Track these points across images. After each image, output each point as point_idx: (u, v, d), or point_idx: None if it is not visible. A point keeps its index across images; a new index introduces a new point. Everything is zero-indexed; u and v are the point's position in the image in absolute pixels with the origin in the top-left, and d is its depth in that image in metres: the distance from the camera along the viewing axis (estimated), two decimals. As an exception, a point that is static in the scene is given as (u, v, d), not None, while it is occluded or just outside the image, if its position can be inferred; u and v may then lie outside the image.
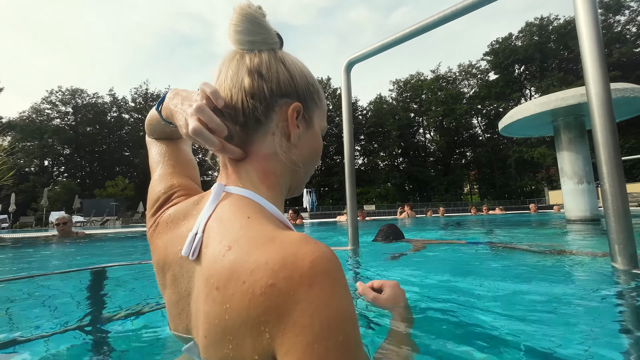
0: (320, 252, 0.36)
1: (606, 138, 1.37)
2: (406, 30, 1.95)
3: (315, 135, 0.56)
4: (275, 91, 0.50)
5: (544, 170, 39.47)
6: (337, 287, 0.34)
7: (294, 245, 0.36)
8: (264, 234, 0.40)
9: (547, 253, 2.22)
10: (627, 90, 4.63)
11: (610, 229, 1.34)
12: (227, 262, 0.38)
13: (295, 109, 0.51)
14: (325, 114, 0.59)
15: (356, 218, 2.29)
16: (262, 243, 0.38)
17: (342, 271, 0.37)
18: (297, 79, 0.52)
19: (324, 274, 0.34)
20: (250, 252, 0.37)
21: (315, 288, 0.33)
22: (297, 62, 0.54)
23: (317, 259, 0.34)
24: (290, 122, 0.51)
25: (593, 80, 1.39)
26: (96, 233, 6.33)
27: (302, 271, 0.33)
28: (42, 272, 1.89)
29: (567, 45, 38.17)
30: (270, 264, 0.35)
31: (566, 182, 5.55)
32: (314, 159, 0.57)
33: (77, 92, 43.63)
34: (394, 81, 49.17)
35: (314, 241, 0.37)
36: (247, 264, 0.36)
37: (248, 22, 0.49)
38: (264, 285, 0.34)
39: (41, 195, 23.35)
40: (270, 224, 0.43)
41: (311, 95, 0.54)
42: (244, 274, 0.36)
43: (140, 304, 1.16)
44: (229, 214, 0.45)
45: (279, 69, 0.51)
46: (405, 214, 10.83)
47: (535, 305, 1.06)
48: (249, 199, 0.47)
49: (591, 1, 1.39)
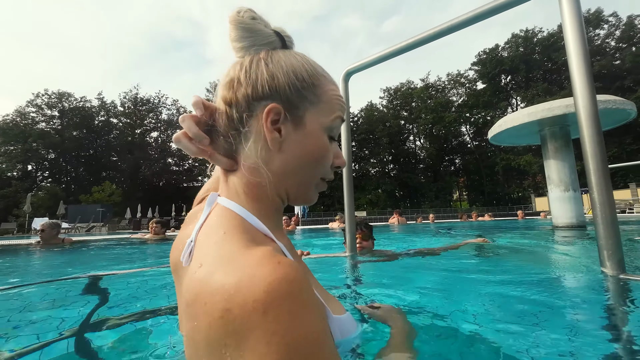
0: (278, 274, 0.34)
1: (594, 149, 1.44)
2: (404, 42, 2.02)
3: (309, 135, 0.50)
4: (252, 95, 0.48)
5: (531, 178, 40.44)
6: (295, 311, 0.32)
7: (252, 267, 0.35)
8: (230, 252, 0.39)
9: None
10: (610, 102, 4.84)
11: (599, 236, 1.40)
12: (196, 280, 0.38)
13: (272, 111, 0.47)
14: (330, 109, 0.52)
15: (354, 225, 2.32)
16: (225, 263, 0.37)
17: (304, 292, 0.34)
18: (280, 77, 0.48)
19: (280, 298, 0.32)
20: (214, 272, 0.37)
21: (269, 314, 0.31)
22: (288, 58, 0.50)
23: (273, 282, 0.33)
24: (265, 127, 0.47)
25: (581, 94, 1.46)
26: (83, 240, 6.18)
27: (256, 296, 0.32)
28: (41, 280, 1.84)
29: (550, 57, 39.58)
30: (227, 287, 0.34)
31: (553, 189, 5.72)
32: (312, 162, 0.51)
33: (64, 95, 42.68)
34: (385, 89, 49.89)
35: (277, 260, 0.36)
36: (209, 285, 0.36)
37: (237, 29, 0.49)
38: (221, 309, 0.33)
39: (24, 201, 22.63)
40: (242, 240, 0.41)
41: (299, 92, 0.49)
42: (206, 295, 0.35)
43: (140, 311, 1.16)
44: (211, 226, 0.46)
45: (260, 69, 0.48)
46: (395, 220, 10.92)
47: (524, 311, 1.09)
48: (232, 211, 0.48)
49: (578, 20, 1.48)
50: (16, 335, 0.98)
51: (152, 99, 47.73)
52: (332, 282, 1.62)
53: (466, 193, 48.52)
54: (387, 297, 1.31)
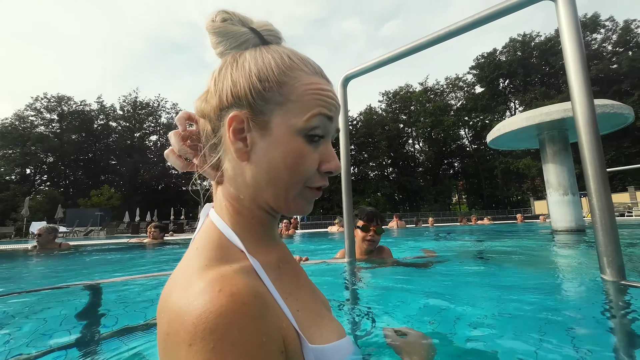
0: (211, 306, 0.32)
1: (592, 155, 1.44)
2: (402, 48, 2.02)
3: (277, 141, 0.44)
4: (219, 105, 0.45)
5: (530, 181, 40.52)
6: (218, 349, 0.30)
7: (194, 293, 0.34)
8: (189, 272, 0.39)
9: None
10: (607, 106, 4.86)
11: (598, 242, 1.40)
12: (163, 294, 0.39)
13: (235, 119, 0.44)
14: (302, 107, 0.45)
15: (353, 230, 2.31)
16: (181, 283, 0.38)
17: (239, 326, 0.32)
18: (241, 82, 0.44)
19: (205, 333, 0.31)
20: (171, 290, 0.38)
21: (193, 348, 0.31)
22: (256, 58, 0.45)
23: (202, 315, 0.31)
24: (229, 138, 0.45)
25: (579, 100, 1.47)
26: (80, 244, 6.14)
27: (185, 327, 0.32)
28: (35, 288, 1.82)
29: (548, 61, 39.85)
30: (172, 311, 0.34)
31: (552, 193, 5.72)
32: (283, 171, 0.45)
33: (64, 99, 42.78)
34: (384, 92, 50.11)
35: (219, 288, 0.34)
36: (163, 303, 0.37)
37: (212, 35, 0.48)
38: (164, 331, 0.34)
39: (22, 205, 22.54)
40: (207, 258, 0.41)
41: (261, 95, 0.44)
42: (162, 311, 0.36)
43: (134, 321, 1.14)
44: (194, 239, 0.47)
45: (225, 78, 0.45)
46: (394, 224, 10.90)
47: (525, 318, 1.09)
48: (214, 224, 0.47)
49: (575, 26, 1.48)
50: (8, 344, 0.96)
51: (152, 102, 47.87)
52: (329, 291, 1.61)
53: (465, 196, 48.56)
54: (385, 307, 1.29)
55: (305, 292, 0.55)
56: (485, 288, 1.65)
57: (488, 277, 1.98)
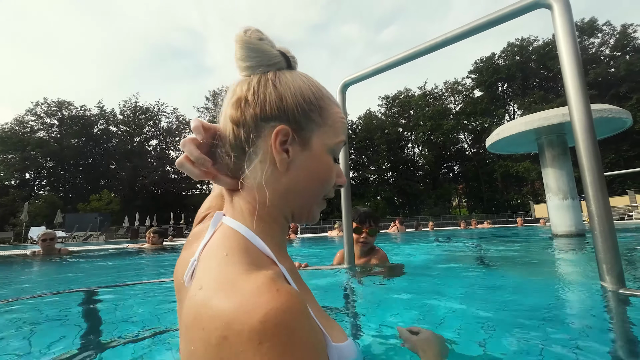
0: (276, 303, 0.33)
1: (590, 161, 1.44)
2: (399, 55, 2.04)
3: (314, 157, 0.51)
4: (260, 116, 0.48)
5: (529, 184, 40.52)
6: (290, 344, 0.32)
7: (250, 294, 0.35)
8: (230, 277, 0.39)
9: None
10: (605, 110, 4.88)
11: (597, 249, 1.40)
12: (195, 303, 0.37)
13: (281, 132, 0.48)
14: (334, 132, 0.53)
15: (352, 235, 2.30)
16: (224, 288, 0.37)
17: (304, 324, 0.34)
18: (288, 98, 0.49)
19: (276, 329, 0.32)
20: (212, 297, 0.36)
21: (264, 345, 0.31)
22: (295, 80, 0.51)
23: (270, 312, 0.32)
24: (274, 148, 0.48)
25: (576, 107, 1.47)
26: (80, 250, 6.12)
27: (252, 326, 0.32)
28: (40, 293, 1.82)
29: (546, 65, 40.08)
30: (225, 314, 0.33)
31: (552, 197, 5.72)
32: (318, 183, 0.53)
33: (64, 104, 42.89)
34: (383, 97, 50.28)
35: (276, 288, 0.35)
36: (207, 309, 0.35)
37: (244, 48, 0.50)
38: (218, 336, 0.33)
39: (21, 210, 22.49)
40: (243, 263, 0.41)
41: (307, 115, 0.50)
42: (204, 319, 0.35)
43: (143, 329, 1.14)
44: (214, 247, 0.46)
45: (268, 90, 0.49)
46: (395, 228, 10.88)
47: (524, 326, 1.08)
48: (236, 231, 0.47)
49: (571, 35, 1.49)
50: (8, 352, 0.95)
51: (152, 107, 48.00)
52: (329, 297, 1.60)
53: (465, 200, 48.51)
54: (385, 313, 1.29)
55: (310, 296, 0.58)
56: (484, 294, 1.64)
57: (487, 282, 1.98)
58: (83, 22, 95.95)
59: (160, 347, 0.96)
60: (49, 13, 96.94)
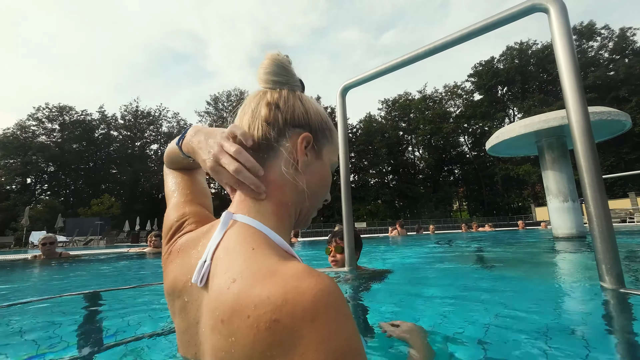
0: (322, 285, 0.36)
1: (588, 163, 1.45)
2: (399, 58, 2.06)
3: (324, 166, 0.58)
4: (289, 121, 0.54)
5: (530, 187, 40.47)
6: (340, 320, 0.34)
7: (296, 278, 0.37)
8: (267, 266, 0.40)
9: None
10: (605, 113, 4.89)
11: (597, 250, 1.40)
12: (232, 295, 0.39)
13: (305, 138, 0.54)
14: (336, 152, 0.63)
15: (352, 239, 2.31)
16: (265, 276, 0.38)
17: (345, 303, 0.37)
18: (312, 114, 0.57)
19: (326, 307, 0.34)
20: (254, 285, 0.38)
21: (317, 323, 0.33)
22: (314, 102, 0.60)
23: (319, 292, 0.35)
24: (299, 149, 0.54)
25: (573, 109, 1.49)
26: (81, 254, 6.12)
27: (304, 306, 0.34)
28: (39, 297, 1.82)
29: (545, 68, 40.23)
30: (272, 299, 0.35)
31: (552, 200, 5.72)
32: (322, 190, 0.59)
33: (65, 109, 43.12)
34: (383, 100, 50.48)
35: (317, 273, 0.37)
36: (251, 297, 0.37)
37: (276, 66, 0.56)
38: (268, 320, 0.34)
39: (22, 214, 22.51)
40: (274, 255, 0.43)
41: (323, 131, 0.58)
42: (248, 308, 0.36)
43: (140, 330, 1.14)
44: (235, 244, 0.46)
45: (296, 104, 0.56)
46: (395, 232, 10.85)
47: (524, 327, 1.09)
48: (255, 228, 0.48)
49: (568, 39, 1.51)
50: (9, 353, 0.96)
51: (153, 111, 48.22)
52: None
53: (466, 203, 48.42)
54: (389, 314, 1.29)
55: None
56: (485, 295, 1.64)
57: (488, 284, 1.98)
58: (85, 27, 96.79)
59: (159, 347, 0.97)
60: (49, 18, 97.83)
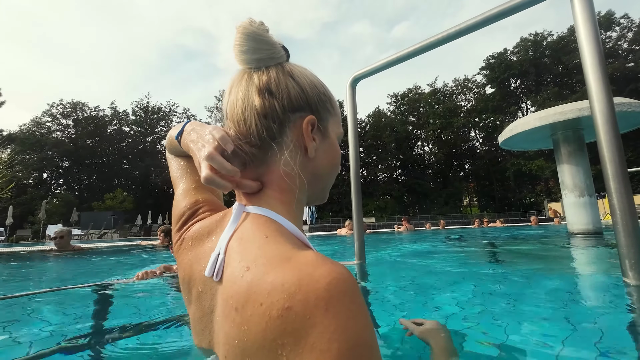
0: (336, 273, 0.35)
1: (612, 153, 1.39)
2: (410, 48, 2.00)
3: (332, 144, 0.55)
4: (287, 107, 0.50)
5: (543, 183, 39.60)
6: (353, 310, 0.33)
7: (310, 266, 0.36)
8: (281, 253, 0.40)
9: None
10: (625, 104, 4.70)
11: (620, 244, 1.34)
12: (245, 282, 0.38)
13: (310, 122, 0.50)
14: (340, 121, 0.58)
15: (362, 232, 2.28)
16: (279, 263, 0.38)
17: (359, 291, 0.36)
18: (308, 90, 0.52)
19: (340, 296, 0.33)
20: (267, 272, 0.37)
21: (331, 311, 0.32)
22: (305, 72, 0.54)
23: (333, 280, 0.34)
24: (306, 136, 0.50)
25: (597, 97, 1.42)
26: (94, 247, 6.26)
27: (318, 294, 0.33)
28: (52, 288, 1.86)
29: (561, 60, 38.99)
30: (286, 286, 0.34)
31: (567, 195, 5.57)
32: (334, 168, 0.57)
33: (79, 105, 43.99)
34: (392, 94, 49.87)
35: (330, 261, 0.37)
36: (264, 285, 0.36)
37: (251, 40, 0.48)
38: (280, 307, 0.33)
39: (39, 208, 23.17)
40: (287, 242, 0.42)
41: (324, 105, 0.54)
42: (261, 295, 0.35)
43: (150, 319, 1.15)
44: (249, 233, 0.45)
45: (289, 83, 0.50)
46: (403, 228, 10.78)
47: (548, 322, 1.05)
48: (267, 217, 0.48)
49: (592, 22, 1.44)
50: (24, 342, 0.97)
51: (163, 107, 48.78)
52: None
53: (476, 199, 47.72)
54: (396, 309, 1.27)
55: None
56: (503, 292, 1.60)
57: (504, 281, 1.93)
58: (98, 26, 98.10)
59: (172, 334, 0.96)
60: (64, 18, 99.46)
